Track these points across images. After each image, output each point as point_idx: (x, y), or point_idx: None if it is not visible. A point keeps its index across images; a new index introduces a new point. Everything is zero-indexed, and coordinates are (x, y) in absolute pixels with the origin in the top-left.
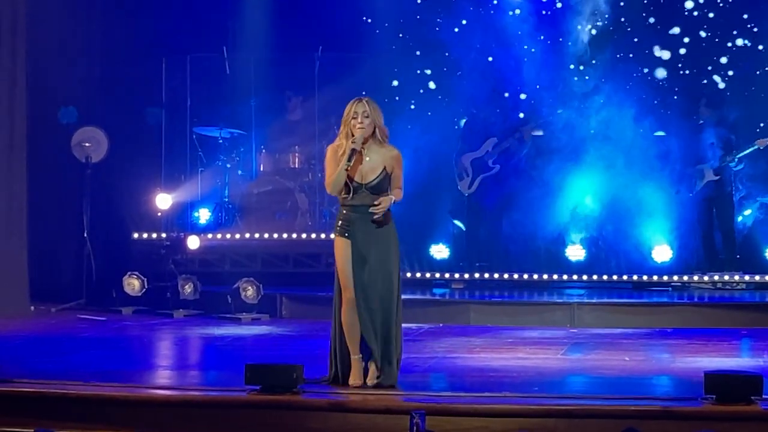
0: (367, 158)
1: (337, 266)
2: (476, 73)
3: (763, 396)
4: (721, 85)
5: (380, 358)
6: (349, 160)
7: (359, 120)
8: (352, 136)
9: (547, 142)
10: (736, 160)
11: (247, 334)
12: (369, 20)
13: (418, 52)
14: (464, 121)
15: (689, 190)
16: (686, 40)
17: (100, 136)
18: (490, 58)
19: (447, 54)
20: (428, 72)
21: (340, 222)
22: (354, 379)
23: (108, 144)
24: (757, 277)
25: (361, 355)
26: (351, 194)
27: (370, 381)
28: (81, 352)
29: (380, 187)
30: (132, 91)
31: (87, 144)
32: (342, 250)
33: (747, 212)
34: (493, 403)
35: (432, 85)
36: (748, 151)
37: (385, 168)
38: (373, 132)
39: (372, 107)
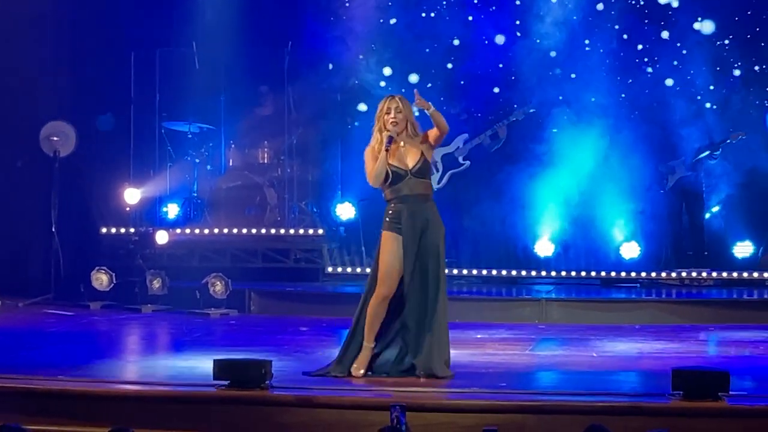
0: (404, 149)
1: (380, 260)
2: (449, 67)
3: (730, 392)
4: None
5: (423, 346)
6: (387, 147)
7: (392, 115)
8: (386, 130)
9: (518, 140)
10: (715, 154)
11: None
12: (343, 17)
13: (373, 45)
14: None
15: (661, 187)
16: (665, 34)
17: (68, 130)
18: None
19: (425, 48)
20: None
21: (389, 217)
22: (358, 367)
23: (76, 138)
24: (724, 274)
25: (375, 344)
26: (397, 183)
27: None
28: (49, 347)
29: (423, 172)
30: (101, 85)
31: (55, 138)
32: (390, 245)
33: (715, 209)
34: (461, 398)
35: (413, 78)
36: (722, 145)
37: (422, 153)
38: (406, 126)
39: (404, 104)
